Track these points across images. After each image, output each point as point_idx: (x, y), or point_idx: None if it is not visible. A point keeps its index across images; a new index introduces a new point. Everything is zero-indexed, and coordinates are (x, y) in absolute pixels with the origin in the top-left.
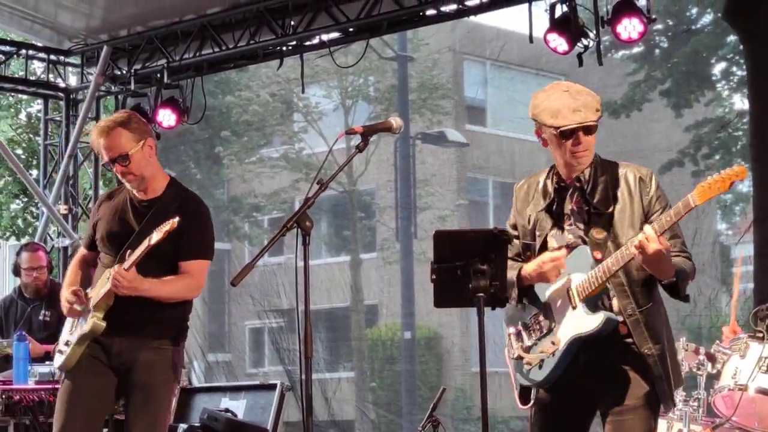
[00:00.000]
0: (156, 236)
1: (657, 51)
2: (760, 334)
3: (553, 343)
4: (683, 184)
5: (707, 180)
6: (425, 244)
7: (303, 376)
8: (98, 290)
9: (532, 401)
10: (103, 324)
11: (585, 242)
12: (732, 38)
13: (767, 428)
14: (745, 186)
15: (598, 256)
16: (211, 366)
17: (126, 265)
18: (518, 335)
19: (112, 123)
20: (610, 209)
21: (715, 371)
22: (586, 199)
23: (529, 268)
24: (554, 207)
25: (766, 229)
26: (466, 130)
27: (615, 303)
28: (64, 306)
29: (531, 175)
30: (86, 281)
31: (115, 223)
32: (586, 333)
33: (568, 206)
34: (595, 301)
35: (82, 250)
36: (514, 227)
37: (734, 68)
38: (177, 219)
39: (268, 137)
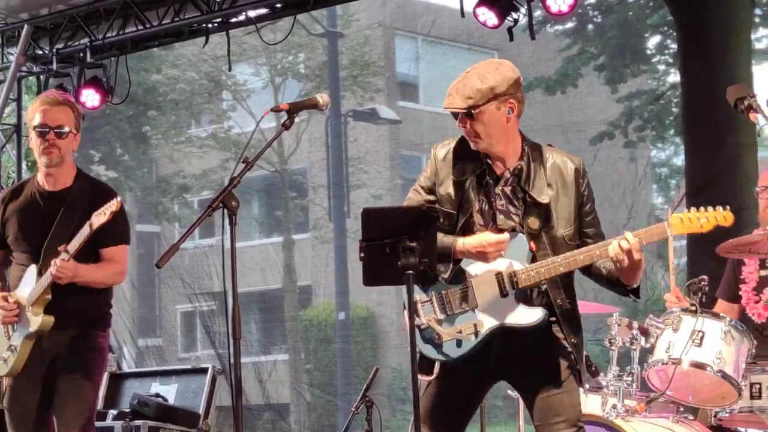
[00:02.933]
0: (98, 220)
1: (590, 26)
2: (693, 308)
3: (474, 325)
4: (619, 158)
5: (689, 213)
6: (359, 223)
7: (232, 360)
8: (28, 288)
9: (435, 374)
10: (52, 318)
11: (516, 229)
12: (663, 11)
13: (701, 402)
14: (680, 159)
15: (534, 247)
16: (142, 351)
17: (70, 248)
18: (429, 305)
19: (64, 99)
20: (546, 200)
21: (648, 345)
22: (521, 186)
23: (469, 243)
24: (483, 181)
25: (698, 202)
26: (398, 107)
27: (538, 294)
28: None
29: (452, 139)
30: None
31: (27, 220)
32: (521, 326)
33: (500, 187)
34: (525, 290)
35: None
36: (430, 191)
37: (669, 42)
38: (118, 199)
39: (196, 116)
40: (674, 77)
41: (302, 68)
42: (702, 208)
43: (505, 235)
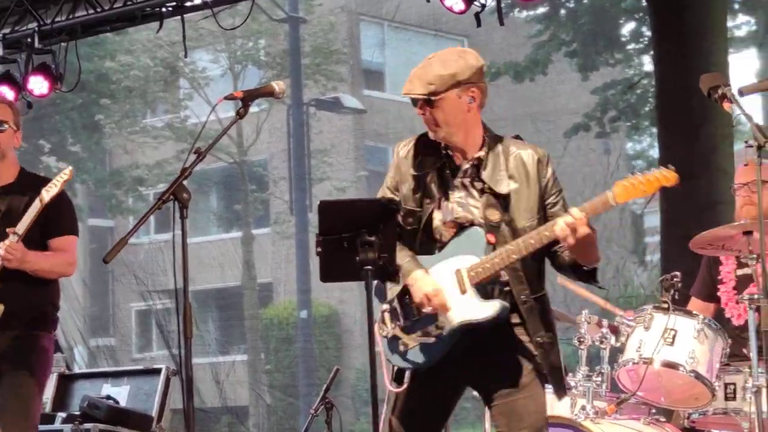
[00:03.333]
0: (48, 193)
1: (563, 11)
2: (665, 305)
3: (437, 327)
4: (591, 149)
5: (631, 178)
6: None
7: (182, 359)
8: None
9: (406, 384)
10: (1, 306)
11: (475, 222)
12: None
13: (674, 403)
14: (656, 151)
15: (492, 239)
16: (94, 352)
17: (19, 230)
18: (393, 313)
19: (3, 98)
20: (506, 191)
21: (618, 344)
22: (480, 178)
23: (417, 288)
24: (444, 173)
25: (671, 195)
26: (363, 96)
27: (506, 289)
28: None
29: (414, 136)
30: None
31: None
32: (478, 321)
33: (459, 179)
34: (486, 286)
35: None
36: (395, 189)
37: (644, 28)
38: (71, 168)
39: (151, 105)
40: (650, 65)
41: (262, 55)
42: (645, 171)
43: (448, 305)
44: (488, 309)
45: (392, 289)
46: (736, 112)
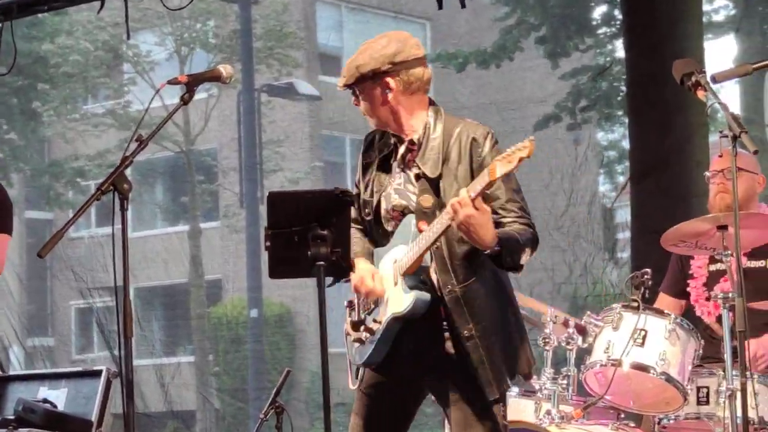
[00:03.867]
0: None
1: None
2: (635, 304)
3: (375, 321)
4: (558, 139)
5: (504, 152)
6: None
7: (122, 360)
8: None
9: (359, 381)
10: None
11: (411, 209)
12: None
13: (644, 407)
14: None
15: (423, 226)
16: (30, 352)
17: None
18: (350, 307)
19: None
20: (436, 173)
21: (586, 345)
22: (416, 163)
23: (356, 275)
24: (388, 162)
25: (643, 188)
26: (319, 82)
27: (435, 279)
28: None
29: None
30: None
31: None
32: (401, 314)
33: (400, 165)
34: (417, 277)
35: None
36: (359, 183)
37: (616, 12)
38: None
39: (92, 90)
40: (622, 52)
41: (211, 37)
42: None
43: (379, 288)
44: (405, 301)
45: None
46: (711, 101)
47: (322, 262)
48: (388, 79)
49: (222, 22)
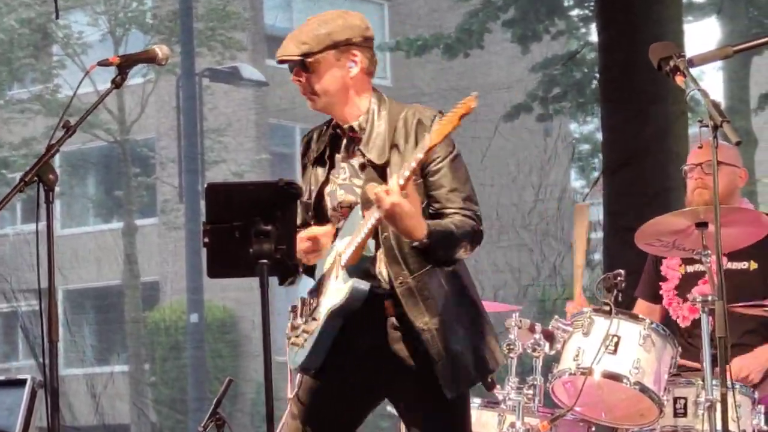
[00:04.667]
0: None
1: None
2: (607, 308)
3: (314, 319)
4: (527, 129)
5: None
6: None
7: (45, 367)
8: None
9: (296, 388)
10: None
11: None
12: None
13: (616, 420)
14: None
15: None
16: None
17: None
18: (293, 311)
19: None
20: (382, 160)
21: (553, 352)
22: (361, 151)
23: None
24: (325, 156)
25: (617, 182)
26: (266, 66)
27: (384, 271)
28: None
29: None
30: None
31: None
32: (335, 306)
33: (342, 157)
34: (359, 269)
35: None
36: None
37: None
38: None
39: (17, 74)
40: (596, 36)
41: (149, 17)
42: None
43: (324, 228)
44: (341, 292)
45: None
46: (691, 88)
47: (265, 260)
48: (356, 51)
49: (160, 1)
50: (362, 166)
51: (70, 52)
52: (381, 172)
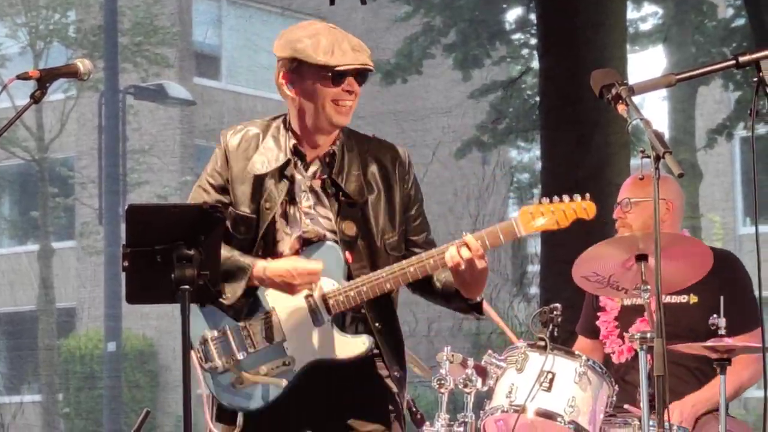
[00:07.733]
0: None
1: None
2: (542, 343)
3: (285, 364)
4: (465, 156)
5: (540, 206)
6: None
7: None
8: None
9: (239, 427)
10: None
11: (327, 237)
12: None
13: None
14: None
15: (350, 259)
16: None
17: None
18: (223, 343)
19: None
20: (363, 198)
21: (486, 388)
22: (334, 182)
23: (273, 270)
24: (292, 173)
25: None
26: (193, 84)
27: (353, 320)
28: None
29: (248, 123)
30: None
31: None
32: (344, 359)
33: (308, 181)
34: (338, 315)
35: None
36: (222, 190)
37: (532, 16)
38: None
39: None
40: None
41: (72, 31)
42: (557, 198)
43: (319, 264)
44: (355, 347)
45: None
46: (633, 118)
47: (187, 286)
48: None
49: (84, 14)
50: (336, 198)
51: None
52: (357, 209)
